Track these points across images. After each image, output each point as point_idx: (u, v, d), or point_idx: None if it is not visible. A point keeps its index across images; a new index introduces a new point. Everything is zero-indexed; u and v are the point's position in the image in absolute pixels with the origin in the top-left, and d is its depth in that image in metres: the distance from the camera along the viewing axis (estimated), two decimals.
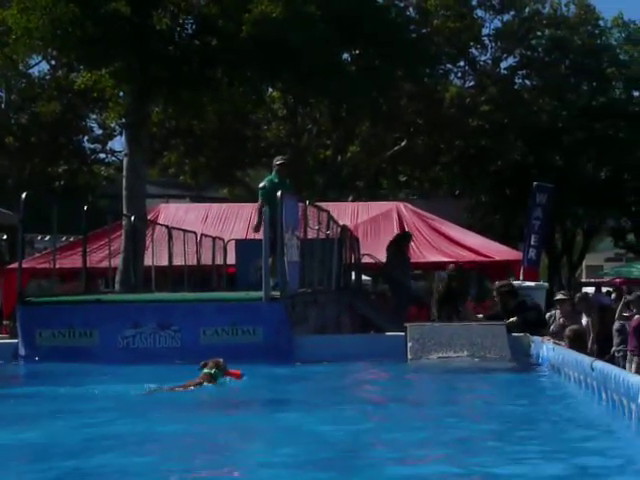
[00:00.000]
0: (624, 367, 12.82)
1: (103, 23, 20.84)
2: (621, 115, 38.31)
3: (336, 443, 6.96)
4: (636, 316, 15.34)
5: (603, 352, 14.79)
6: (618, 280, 36.13)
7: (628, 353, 14.57)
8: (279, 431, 7.59)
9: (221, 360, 9.92)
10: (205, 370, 9.73)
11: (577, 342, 10.75)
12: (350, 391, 10.23)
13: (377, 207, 28.73)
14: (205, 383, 9.56)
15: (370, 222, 27.61)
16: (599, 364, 8.09)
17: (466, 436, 7.18)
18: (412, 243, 26.55)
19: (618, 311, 15.25)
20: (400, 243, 21.66)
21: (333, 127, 37.47)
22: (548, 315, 14.05)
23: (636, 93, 40.27)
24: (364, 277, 24.73)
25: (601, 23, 40.89)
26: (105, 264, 20.07)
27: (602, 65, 39.04)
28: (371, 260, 23.93)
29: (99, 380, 10.57)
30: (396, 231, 27.06)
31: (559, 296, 14.28)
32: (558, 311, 13.92)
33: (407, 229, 27.18)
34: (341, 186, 40.00)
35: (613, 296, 21.44)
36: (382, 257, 24.41)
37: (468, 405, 9.04)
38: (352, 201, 33.97)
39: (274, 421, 8.14)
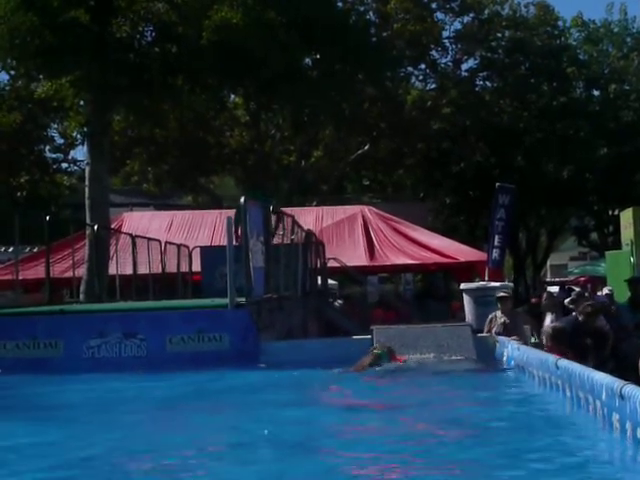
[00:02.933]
0: None
1: (62, 32, 20.72)
2: (581, 114, 38.59)
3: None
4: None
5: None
6: (583, 278, 36.36)
7: None
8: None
9: (388, 345, 11.72)
10: (375, 351, 11.37)
11: (557, 339, 10.74)
12: (315, 395, 10.22)
13: (342, 211, 28.80)
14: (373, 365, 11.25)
15: (335, 226, 27.67)
16: (564, 362, 8.14)
17: (435, 435, 7.21)
18: (377, 246, 26.71)
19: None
20: None
21: (296, 132, 37.46)
22: (490, 316, 13.70)
23: (596, 92, 40.56)
24: (330, 281, 24.74)
25: (560, 24, 41.19)
26: (69, 274, 19.95)
27: (562, 65, 39.30)
28: (337, 264, 23.96)
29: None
30: (361, 235, 27.16)
31: (501, 294, 14.09)
32: (499, 312, 13.64)
33: (372, 232, 27.28)
34: (305, 191, 40.00)
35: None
36: (348, 261, 24.49)
37: (436, 406, 9.05)
38: (316, 206, 33.99)
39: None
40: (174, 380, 11.09)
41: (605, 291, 18.09)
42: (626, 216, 22.22)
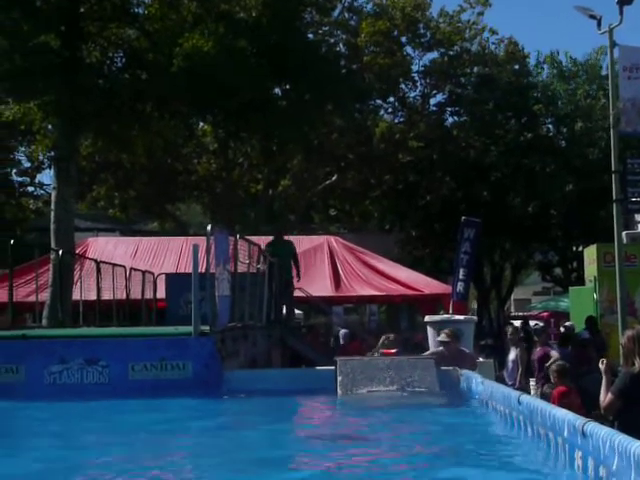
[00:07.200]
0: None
1: (32, 56, 20.65)
2: (548, 151, 38.95)
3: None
4: (538, 348, 15.68)
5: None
6: (546, 313, 36.59)
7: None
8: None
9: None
10: None
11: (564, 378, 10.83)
12: (278, 426, 10.17)
13: (308, 241, 28.79)
14: None
15: (301, 256, 27.64)
16: (526, 398, 8.16)
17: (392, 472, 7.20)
18: (343, 277, 26.71)
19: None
20: None
21: (264, 161, 37.53)
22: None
23: (563, 129, 40.92)
24: (296, 311, 24.67)
25: (532, 60, 41.69)
26: (32, 298, 19.79)
27: (529, 102, 39.68)
28: (302, 294, 23.93)
29: None
30: (327, 265, 27.17)
31: (442, 337, 14.13)
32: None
33: (338, 263, 27.30)
34: (272, 220, 40.02)
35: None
36: (313, 291, 24.47)
37: (392, 441, 9.02)
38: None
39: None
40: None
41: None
42: (590, 252, 22.44)
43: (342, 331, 22.51)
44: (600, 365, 8.65)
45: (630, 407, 8.09)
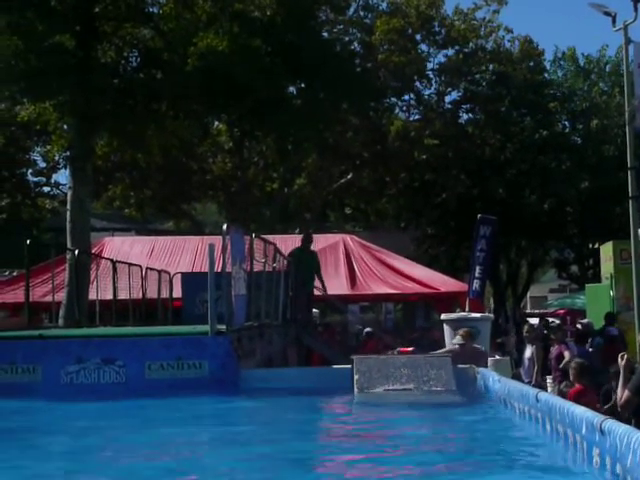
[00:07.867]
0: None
1: (47, 56, 20.69)
2: (564, 148, 38.86)
3: None
4: (555, 346, 15.62)
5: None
6: (562, 311, 36.45)
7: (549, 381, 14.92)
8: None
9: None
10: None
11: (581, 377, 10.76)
12: (297, 425, 10.18)
13: (324, 239, 28.74)
14: None
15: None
16: (544, 396, 8.14)
17: (410, 470, 7.18)
18: (359, 275, 26.68)
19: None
20: None
21: (280, 160, 37.53)
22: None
23: (580, 126, 40.80)
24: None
25: (548, 56, 41.61)
26: (49, 298, 19.84)
27: (544, 99, 39.58)
28: (318, 292, 23.91)
29: None
30: (343, 263, 27.15)
31: (457, 339, 14.26)
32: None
33: (354, 261, 27.28)
34: (288, 219, 40.03)
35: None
36: (329, 289, 24.44)
37: (411, 439, 9.01)
38: (299, 234, 33.95)
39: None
40: None
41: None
42: (606, 250, 22.37)
43: (366, 329, 22.56)
44: (619, 360, 8.59)
45: None
